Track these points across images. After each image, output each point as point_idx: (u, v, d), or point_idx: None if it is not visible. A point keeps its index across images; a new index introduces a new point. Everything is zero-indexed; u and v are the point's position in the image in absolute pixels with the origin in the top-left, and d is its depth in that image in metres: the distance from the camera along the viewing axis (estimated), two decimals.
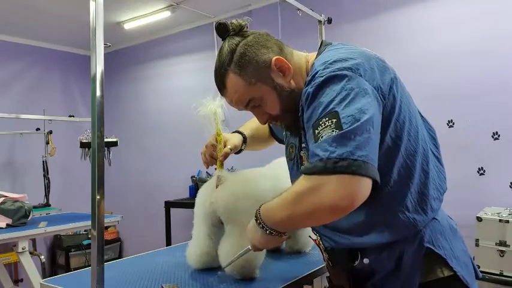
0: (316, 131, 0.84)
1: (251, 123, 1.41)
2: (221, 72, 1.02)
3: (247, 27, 1.05)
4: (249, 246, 1.07)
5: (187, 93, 4.27)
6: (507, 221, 2.18)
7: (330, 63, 0.89)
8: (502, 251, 2.18)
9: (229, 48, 1.01)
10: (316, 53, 1.05)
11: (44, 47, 4.69)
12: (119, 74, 5.01)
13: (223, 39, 1.05)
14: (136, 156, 4.82)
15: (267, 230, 0.96)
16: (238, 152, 1.34)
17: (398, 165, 0.92)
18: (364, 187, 0.80)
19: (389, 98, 0.91)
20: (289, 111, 1.03)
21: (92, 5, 1.00)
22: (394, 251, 0.95)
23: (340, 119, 0.81)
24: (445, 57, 2.81)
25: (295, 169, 1.12)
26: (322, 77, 0.87)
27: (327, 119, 0.83)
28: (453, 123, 2.77)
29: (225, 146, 1.26)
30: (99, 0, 1.00)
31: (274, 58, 1.00)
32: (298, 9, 2.17)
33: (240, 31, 1.03)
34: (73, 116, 4.53)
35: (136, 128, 4.84)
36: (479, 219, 2.26)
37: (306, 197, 0.83)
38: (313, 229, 1.12)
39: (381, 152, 0.88)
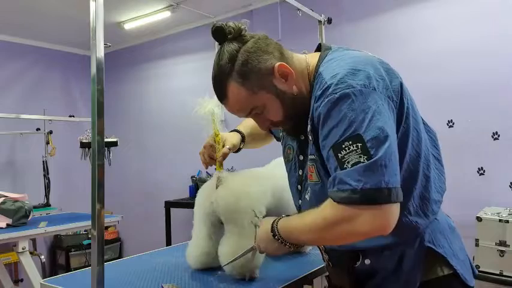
0: (340, 155, 0.83)
1: (249, 121, 1.41)
2: (221, 81, 0.98)
3: (245, 30, 1.00)
4: (254, 246, 1.09)
5: (187, 93, 4.27)
6: (507, 221, 2.18)
7: (342, 78, 0.86)
8: (502, 251, 2.18)
9: (229, 55, 0.96)
10: (317, 56, 1.02)
11: (44, 47, 4.69)
12: (119, 74, 5.01)
13: (221, 44, 1.00)
14: (136, 156, 4.82)
15: (286, 244, 1.00)
16: (237, 150, 1.33)
17: (402, 171, 0.92)
18: (395, 212, 0.83)
19: (399, 105, 0.91)
20: (291, 117, 1.01)
21: (92, 5, 1.00)
22: (395, 252, 0.95)
23: (365, 142, 0.81)
24: (445, 57, 2.80)
25: (294, 171, 1.12)
26: (336, 93, 0.85)
27: (350, 142, 0.82)
28: (453, 123, 2.77)
29: (223, 146, 1.26)
30: (99, 0, 1.00)
31: (277, 64, 0.96)
32: (298, 9, 2.17)
33: (238, 35, 0.98)
34: (73, 116, 4.53)
35: (136, 128, 4.84)
36: (479, 219, 2.26)
37: (339, 226, 0.85)
38: None
39: None
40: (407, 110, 0.93)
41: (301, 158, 1.09)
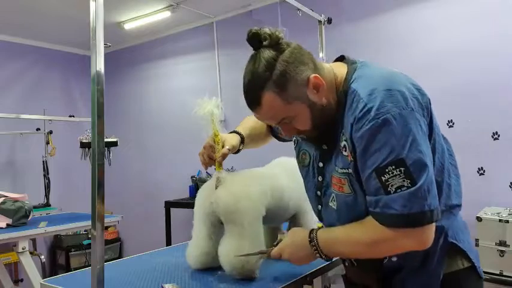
0: (383, 178, 0.89)
1: (248, 122, 1.41)
2: (257, 89, 0.98)
3: (283, 38, 1.00)
4: (269, 250, 1.15)
5: (187, 93, 4.27)
6: (507, 221, 2.18)
7: (382, 102, 0.90)
8: (502, 251, 2.18)
9: (267, 63, 0.96)
10: (342, 67, 1.05)
11: (44, 47, 4.69)
12: (119, 74, 5.01)
13: (256, 49, 1.00)
14: (136, 156, 4.82)
15: (321, 255, 1.06)
16: (236, 152, 1.33)
17: None
18: (433, 229, 0.91)
19: (429, 121, 0.96)
20: (318, 127, 1.03)
21: (92, 5, 1.00)
22: (421, 250, 0.98)
23: (408, 167, 0.87)
24: (445, 57, 2.80)
25: (312, 177, 1.15)
26: (378, 118, 0.89)
27: (393, 167, 0.88)
28: (453, 123, 2.77)
29: (223, 147, 1.26)
30: (99, 0, 1.00)
31: (312, 76, 0.97)
32: (298, 9, 2.17)
33: (276, 43, 0.98)
34: (73, 116, 4.53)
35: (136, 128, 4.84)
36: (479, 219, 2.26)
37: (383, 246, 0.95)
38: None
39: None
40: (433, 125, 0.98)
41: (321, 165, 1.11)
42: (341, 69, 1.05)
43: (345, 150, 0.99)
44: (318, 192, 1.13)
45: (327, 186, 1.09)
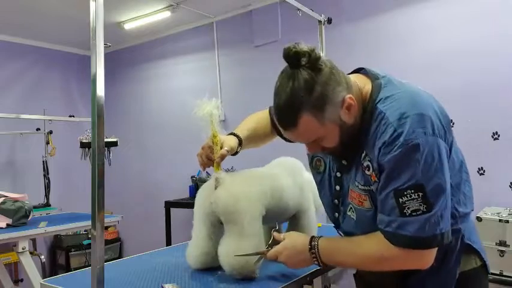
0: (401, 200, 0.92)
1: (248, 124, 1.40)
2: (294, 111, 0.95)
3: (321, 58, 0.96)
4: (265, 251, 1.16)
5: (187, 93, 4.27)
6: (507, 221, 2.18)
7: (411, 127, 0.91)
8: (502, 251, 2.18)
9: (306, 84, 0.93)
10: (366, 81, 1.04)
11: (44, 47, 4.69)
12: (119, 74, 5.01)
13: (293, 68, 0.96)
14: (136, 156, 4.82)
15: (319, 263, 1.08)
16: (234, 154, 1.33)
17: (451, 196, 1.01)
18: (435, 251, 0.96)
19: (449, 140, 0.99)
20: (342, 144, 1.03)
21: (92, 5, 1.00)
22: (440, 251, 1.00)
23: (426, 193, 0.90)
24: (445, 57, 2.80)
25: (329, 186, 1.17)
26: (407, 144, 0.90)
27: (412, 191, 0.90)
28: (453, 123, 2.76)
29: (221, 148, 1.26)
30: (99, 0, 1.00)
31: (348, 97, 0.97)
32: (298, 9, 2.17)
33: (315, 62, 0.95)
34: (73, 116, 4.54)
35: (136, 128, 4.84)
36: (479, 219, 2.26)
37: (389, 262, 0.98)
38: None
39: None
40: (452, 141, 1.01)
41: (339, 175, 1.13)
42: (363, 82, 1.04)
43: (368, 170, 0.99)
44: (336, 201, 1.15)
45: (345, 195, 1.11)
